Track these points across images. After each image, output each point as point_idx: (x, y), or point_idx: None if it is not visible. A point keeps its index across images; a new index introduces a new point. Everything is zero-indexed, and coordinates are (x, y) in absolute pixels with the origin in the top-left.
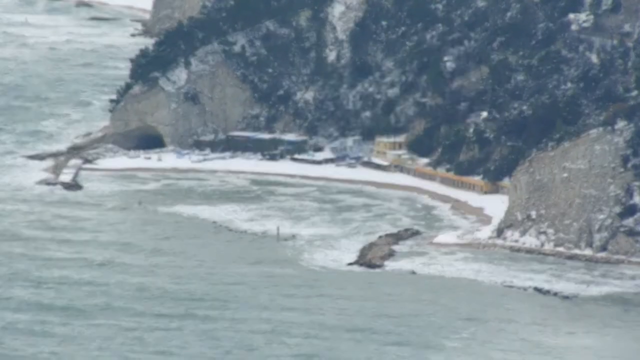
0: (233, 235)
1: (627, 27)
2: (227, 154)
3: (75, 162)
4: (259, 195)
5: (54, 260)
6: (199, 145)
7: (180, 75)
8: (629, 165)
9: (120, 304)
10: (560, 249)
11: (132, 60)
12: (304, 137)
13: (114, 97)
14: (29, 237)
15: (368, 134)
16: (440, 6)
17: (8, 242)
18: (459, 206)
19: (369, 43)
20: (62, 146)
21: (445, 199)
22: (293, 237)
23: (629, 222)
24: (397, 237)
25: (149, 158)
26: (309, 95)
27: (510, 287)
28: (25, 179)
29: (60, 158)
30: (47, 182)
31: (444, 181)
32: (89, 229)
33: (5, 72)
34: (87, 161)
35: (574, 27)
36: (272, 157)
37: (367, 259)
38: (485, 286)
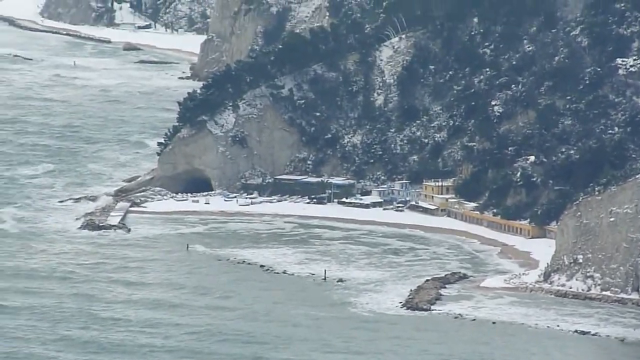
0: (281, 278)
1: None
2: (275, 197)
3: (123, 204)
4: (306, 238)
5: (107, 300)
6: (247, 189)
7: (228, 118)
8: None
9: (177, 344)
10: (607, 293)
11: (180, 104)
12: (351, 181)
13: (162, 140)
14: (79, 278)
15: (415, 178)
16: (487, 50)
17: (58, 283)
18: (506, 250)
19: (417, 87)
20: (110, 189)
21: (492, 242)
22: (341, 280)
23: None
24: (444, 281)
25: (197, 201)
26: (357, 138)
27: (558, 330)
28: (74, 221)
29: (108, 200)
30: (95, 225)
31: (491, 225)
32: (137, 271)
33: (55, 114)
34: (135, 204)
35: (621, 71)
36: (320, 201)
37: (414, 303)
38: (533, 330)
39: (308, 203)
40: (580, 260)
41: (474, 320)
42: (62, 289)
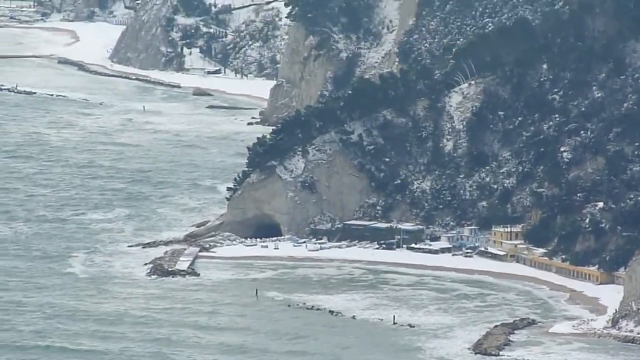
0: (350, 324)
1: None
2: (344, 242)
3: (192, 249)
4: (375, 284)
5: (177, 344)
6: (316, 234)
7: (297, 163)
8: None
9: None
10: None
11: (249, 149)
12: (420, 226)
13: (231, 185)
14: (149, 322)
15: (484, 224)
16: (557, 97)
17: (128, 327)
18: (574, 296)
19: (486, 133)
20: (179, 234)
21: (561, 288)
22: (410, 325)
23: None
24: (513, 327)
25: (266, 246)
26: (426, 184)
27: None
28: (143, 266)
29: (177, 245)
30: (164, 270)
31: (560, 271)
32: (207, 315)
33: (125, 158)
34: (204, 249)
35: None
36: (389, 246)
37: (483, 348)
38: None
39: (377, 248)
40: None
41: None
42: (132, 333)
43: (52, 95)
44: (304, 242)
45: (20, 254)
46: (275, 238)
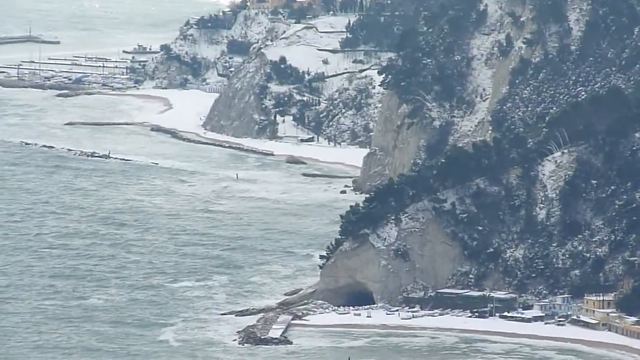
0: None
1: None
2: (437, 311)
3: (285, 317)
4: (468, 352)
5: None
6: (409, 302)
7: (390, 232)
8: None
9: None
10: None
11: (342, 217)
12: (513, 295)
13: (324, 253)
14: None
15: (577, 292)
16: None
17: None
18: None
19: (579, 201)
20: (272, 301)
21: None
22: None
23: None
24: None
25: (359, 314)
26: (519, 252)
27: None
28: (235, 334)
29: (269, 314)
30: (256, 338)
31: None
32: None
33: (218, 226)
34: (296, 317)
35: None
36: (481, 315)
37: None
38: None
39: (470, 317)
40: None
41: None
42: None
43: (145, 162)
44: (397, 310)
45: (113, 320)
46: (367, 306)
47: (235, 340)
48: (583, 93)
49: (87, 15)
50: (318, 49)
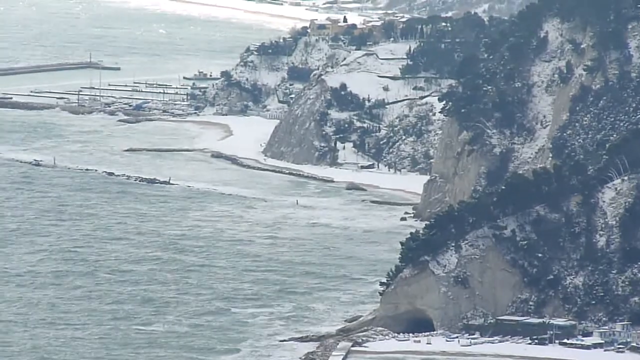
0: None
1: None
2: (496, 338)
3: (344, 344)
4: None
5: None
6: (468, 329)
7: (450, 259)
8: None
9: None
10: None
11: (402, 244)
12: (572, 322)
13: (384, 279)
14: None
15: (637, 319)
16: None
17: None
18: None
19: (639, 229)
20: (332, 328)
21: None
22: None
23: None
24: None
25: (418, 341)
26: (579, 280)
27: None
28: None
29: (329, 340)
30: None
31: None
32: None
33: (278, 253)
34: (356, 343)
35: None
36: (541, 342)
37: None
38: None
39: (529, 344)
40: None
41: None
42: None
43: (205, 189)
44: (457, 337)
45: (175, 346)
46: (427, 333)
47: None
48: None
49: (148, 41)
50: (378, 76)
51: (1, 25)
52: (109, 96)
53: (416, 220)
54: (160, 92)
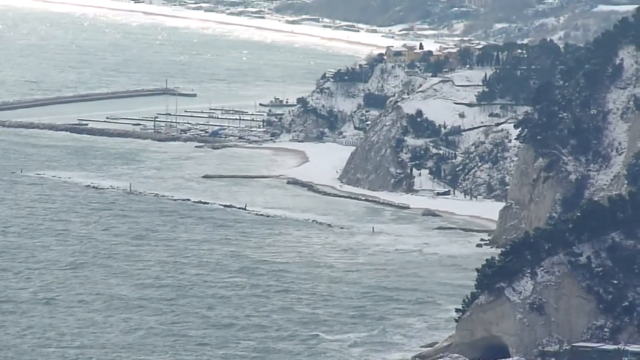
0: None
1: None
2: None
3: None
4: None
5: None
6: (544, 356)
7: (526, 285)
8: None
9: None
10: None
11: (478, 271)
12: None
13: (459, 306)
14: None
15: None
16: None
17: None
18: None
19: None
20: (407, 354)
21: None
22: None
23: None
24: None
25: None
26: None
27: None
28: None
29: None
30: None
31: None
32: None
33: (351, 279)
34: None
35: None
36: None
37: None
38: None
39: None
40: None
41: None
42: None
43: (282, 215)
44: None
45: None
46: (503, 359)
47: None
48: None
49: (224, 67)
50: (454, 103)
51: (86, 52)
52: (185, 122)
53: (492, 247)
54: (236, 119)
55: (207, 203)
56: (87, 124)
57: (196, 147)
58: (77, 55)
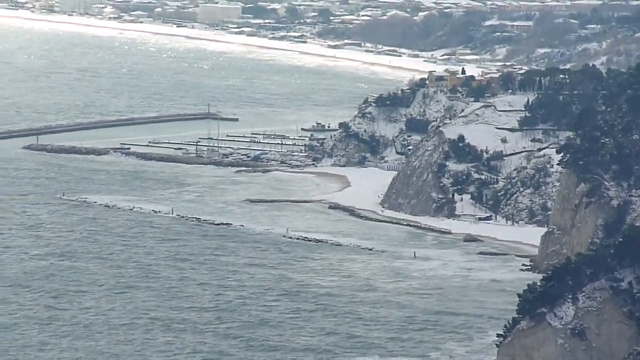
0: None
1: None
2: None
3: None
4: None
5: None
6: None
7: (567, 311)
8: None
9: None
10: None
11: (519, 296)
12: None
13: (501, 331)
14: None
15: None
16: None
17: None
18: None
19: None
20: None
21: None
22: None
23: None
24: None
25: None
26: None
27: None
28: None
29: None
30: None
31: None
32: None
33: (394, 303)
34: None
35: None
36: None
37: None
38: None
39: None
40: None
41: None
42: None
43: (323, 239)
44: None
45: None
46: None
47: None
48: None
49: (265, 92)
50: (496, 128)
51: (136, 76)
52: (227, 147)
53: (533, 272)
54: (278, 143)
55: (249, 227)
56: (129, 148)
57: (238, 171)
58: (127, 79)
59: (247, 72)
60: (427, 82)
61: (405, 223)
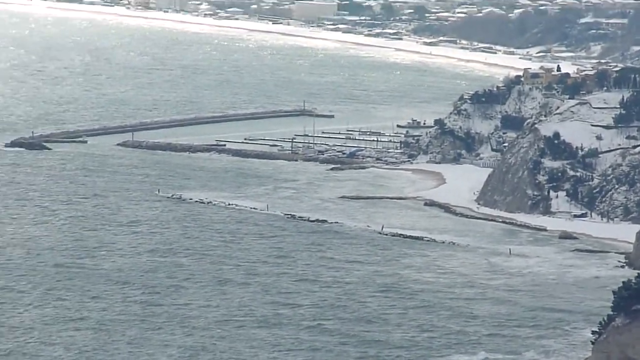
0: None
1: None
2: None
3: None
4: None
5: None
6: None
7: None
8: None
9: None
10: None
11: (614, 293)
12: None
13: (596, 328)
14: None
15: None
16: None
17: None
18: None
19: None
20: None
21: None
22: None
23: None
24: None
25: None
26: None
27: None
28: None
29: None
30: None
31: None
32: None
33: (485, 300)
34: None
35: None
36: None
37: None
38: None
39: None
40: None
41: None
42: None
43: (419, 236)
44: None
45: None
46: None
47: None
48: None
49: (362, 89)
50: (592, 125)
51: (239, 72)
52: (322, 144)
53: (629, 269)
54: (373, 140)
55: (344, 224)
56: (224, 145)
57: (333, 168)
58: (227, 76)
59: (343, 69)
60: (522, 79)
61: (500, 220)
